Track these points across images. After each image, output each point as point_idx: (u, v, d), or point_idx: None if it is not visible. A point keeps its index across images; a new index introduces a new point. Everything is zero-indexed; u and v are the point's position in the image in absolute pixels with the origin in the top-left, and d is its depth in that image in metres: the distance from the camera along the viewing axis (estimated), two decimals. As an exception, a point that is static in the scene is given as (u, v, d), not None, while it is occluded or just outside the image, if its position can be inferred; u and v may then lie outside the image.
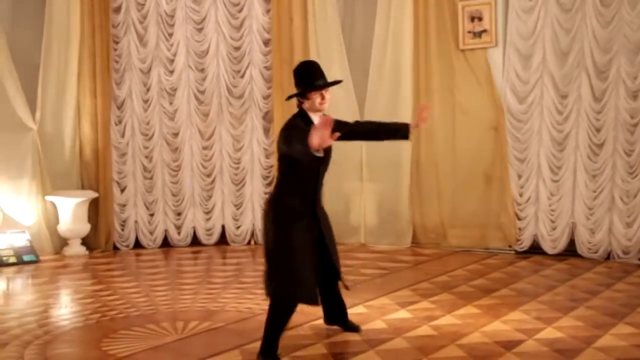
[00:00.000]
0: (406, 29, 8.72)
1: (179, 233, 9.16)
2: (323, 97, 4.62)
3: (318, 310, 5.82)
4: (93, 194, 8.73)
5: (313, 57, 9.07)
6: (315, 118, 4.53)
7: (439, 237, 8.65)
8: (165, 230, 9.15)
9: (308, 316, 5.64)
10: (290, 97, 4.73)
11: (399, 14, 8.75)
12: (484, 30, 8.39)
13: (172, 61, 9.12)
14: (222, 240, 9.20)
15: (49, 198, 8.55)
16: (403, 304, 5.98)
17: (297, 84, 4.73)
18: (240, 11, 9.21)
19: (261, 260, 8.36)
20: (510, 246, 8.23)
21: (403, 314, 5.68)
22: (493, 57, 8.35)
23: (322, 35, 9.07)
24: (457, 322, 5.40)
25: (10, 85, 8.32)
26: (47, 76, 8.66)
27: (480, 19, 8.39)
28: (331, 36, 9.07)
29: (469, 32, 8.45)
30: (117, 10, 8.98)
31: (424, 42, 8.68)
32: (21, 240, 8.21)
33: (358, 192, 9.09)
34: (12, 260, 7.97)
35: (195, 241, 9.18)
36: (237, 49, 9.23)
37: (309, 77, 4.61)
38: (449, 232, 8.58)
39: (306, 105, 4.68)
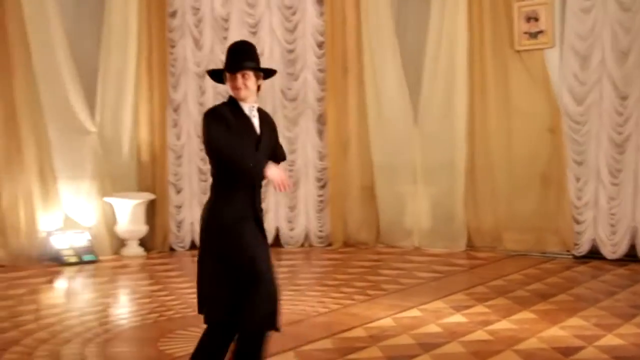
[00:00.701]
0: (460, 29, 8.65)
1: (233, 235, 9.22)
2: (235, 83, 3.82)
3: (373, 313, 5.82)
4: (150, 196, 8.88)
5: (366, 59, 9.10)
6: (245, 107, 3.84)
7: (495, 241, 8.54)
8: (220, 232, 9.22)
9: (363, 319, 5.65)
10: (210, 75, 4.07)
11: (453, 15, 8.69)
12: (541, 31, 8.27)
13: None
14: (276, 242, 9.25)
15: (107, 200, 8.73)
16: (458, 307, 5.92)
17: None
18: (294, 14, 9.26)
19: (316, 262, 8.47)
20: (568, 250, 8.09)
21: (458, 318, 5.64)
22: (550, 58, 8.23)
23: (375, 37, 9.06)
24: (514, 327, 5.33)
25: (71, 89, 8.52)
26: (106, 80, 8.84)
27: (536, 19, 8.28)
28: (384, 38, 9.05)
29: (525, 32, 8.34)
30: (173, 15, 9.12)
31: (478, 43, 8.60)
32: (81, 240, 8.39)
33: (412, 194, 9.05)
34: (73, 259, 8.15)
35: (249, 243, 9.23)
36: (291, 51, 9.28)
37: (227, 59, 3.89)
38: (505, 235, 8.47)
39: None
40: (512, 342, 4.92)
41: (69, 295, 7.16)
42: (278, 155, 4.09)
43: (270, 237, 9.24)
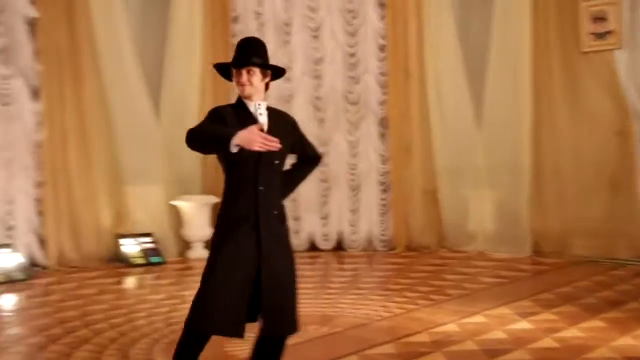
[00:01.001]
0: (525, 31, 8.53)
1: (297, 238, 9.29)
2: (239, 79, 3.68)
3: (437, 318, 5.78)
4: (215, 199, 8.99)
5: (429, 62, 9.04)
6: (251, 105, 3.70)
7: (561, 246, 8.38)
8: (283, 235, 9.27)
9: (427, 324, 5.61)
10: (218, 71, 3.90)
11: (518, 17, 8.57)
12: (609, 32, 8.08)
13: (289, 69, 9.27)
14: (339, 246, 9.26)
15: (173, 202, 8.89)
16: (524, 314, 5.83)
17: None
18: (355, 18, 9.27)
19: (379, 266, 8.46)
20: (638, 257, 7.87)
21: (524, 325, 5.55)
22: (619, 59, 8.03)
23: (437, 41, 9.00)
24: (582, 335, 5.22)
25: (138, 93, 8.71)
26: (172, 86, 9.00)
27: (604, 19, 8.10)
28: (447, 41, 8.99)
29: (592, 34, 8.17)
30: (236, 20, 9.23)
31: (543, 45, 8.46)
32: (149, 243, 8.57)
33: (476, 198, 8.95)
34: (141, 261, 8.33)
35: (312, 247, 9.29)
36: (353, 55, 9.29)
37: (234, 55, 3.76)
38: (572, 241, 8.29)
39: None
40: (581, 351, 4.82)
41: (136, 296, 7.32)
42: (306, 155, 3.93)
43: (332, 241, 9.28)
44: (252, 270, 3.61)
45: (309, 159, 3.97)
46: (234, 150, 3.41)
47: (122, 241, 8.49)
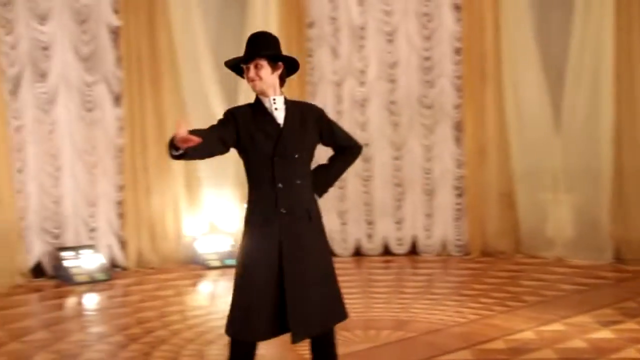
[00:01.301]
0: (606, 33, 8.28)
1: (370, 242, 9.28)
2: (248, 75, 3.66)
3: (514, 324, 5.68)
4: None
5: (505, 65, 8.88)
6: (266, 100, 3.65)
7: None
8: (357, 239, 9.30)
9: (503, 331, 5.52)
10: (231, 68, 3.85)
11: (598, 19, 8.33)
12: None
13: (363, 73, 9.28)
14: (413, 250, 9.20)
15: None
16: (605, 323, 5.67)
17: None
18: (430, 21, 9.20)
19: (453, 271, 8.36)
20: None
21: (605, 334, 5.39)
22: None
23: (515, 43, 8.83)
24: (667, 345, 5.05)
25: (215, 101, 8.87)
26: (248, 90, 9.09)
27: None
28: (524, 44, 8.82)
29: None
30: (311, 25, 9.29)
31: (626, 47, 8.21)
32: (224, 245, 8.69)
33: (554, 202, 8.74)
34: (216, 263, 8.47)
35: (386, 251, 9.26)
36: (428, 59, 9.22)
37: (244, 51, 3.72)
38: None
39: None
40: (665, 361, 4.66)
41: (212, 297, 7.45)
42: (338, 145, 3.80)
43: (406, 246, 9.22)
44: (274, 273, 3.50)
45: (343, 149, 3.84)
46: (177, 152, 3.37)
47: (198, 243, 8.65)
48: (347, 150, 3.85)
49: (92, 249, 8.19)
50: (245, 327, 3.52)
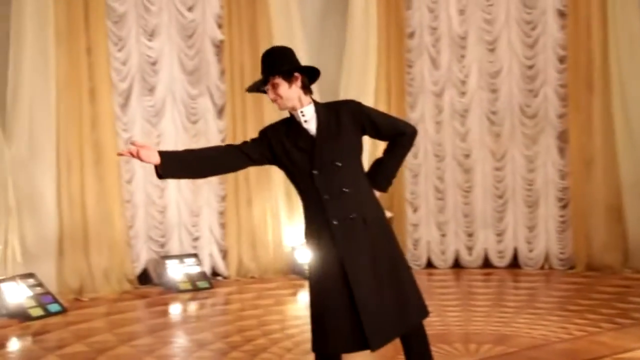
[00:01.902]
0: None
1: (470, 254, 9.14)
2: (270, 96, 3.78)
3: (623, 343, 5.45)
4: (387, 214, 9.02)
5: (613, 73, 8.56)
6: (296, 115, 3.72)
7: None
8: (457, 251, 9.18)
9: (612, 349, 5.32)
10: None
11: None
12: None
13: (464, 83, 9.18)
14: (514, 263, 9.00)
15: (347, 216, 9.02)
16: None
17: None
18: (534, 29, 8.99)
19: (557, 285, 8.11)
20: None
21: None
22: None
23: (625, 52, 8.51)
24: None
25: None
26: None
27: None
28: (633, 50, 8.47)
29: None
30: (412, 35, 9.26)
31: None
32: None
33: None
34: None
35: (486, 263, 9.09)
36: (531, 67, 9.01)
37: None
38: None
39: None
40: None
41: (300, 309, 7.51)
42: (385, 135, 3.73)
43: (507, 258, 9.03)
44: (342, 285, 3.50)
45: (394, 138, 3.76)
46: (160, 173, 3.51)
47: (297, 253, 8.75)
48: (397, 139, 3.77)
49: (194, 258, 8.42)
50: (325, 341, 3.56)
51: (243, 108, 8.68)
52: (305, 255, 8.70)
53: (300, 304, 7.60)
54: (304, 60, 9.13)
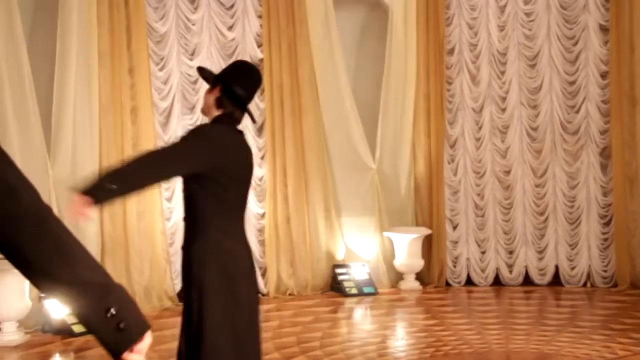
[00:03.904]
0: None
1: (510, 272, 9.04)
2: None
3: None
4: (426, 231, 9.01)
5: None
6: None
7: None
8: (497, 268, 9.09)
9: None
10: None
11: None
12: None
13: (504, 99, 9.12)
14: (556, 280, 8.87)
15: (386, 234, 9.02)
16: None
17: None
18: (575, 44, 8.91)
19: (600, 303, 7.97)
20: None
21: None
22: None
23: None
24: None
25: (353, 128, 9.00)
26: (386, 118, 9.18)
27: None
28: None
29: None
30: (451, 51, 9.24)
31: None
32: (362, 273, 8.74)
33: None
34: (353, 291, 8.51)
35: (527, 280, 8.98)
36: (572, 83, 8.93)
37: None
38: None
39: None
40: None
41: (350, 325, 7.50)
42: None
43: (548, 276, 8.91)
44: None
45: None
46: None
47: (336, 271, 8.75)
48: None
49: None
50: None
51: (282, 126, 8.74)
52: (344, 272, 8.71)
53: (340, 322, 7.60)
54: (341, 78, 9.14)
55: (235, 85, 3.61)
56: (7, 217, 1.64)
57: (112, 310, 1.71)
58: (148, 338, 1.78)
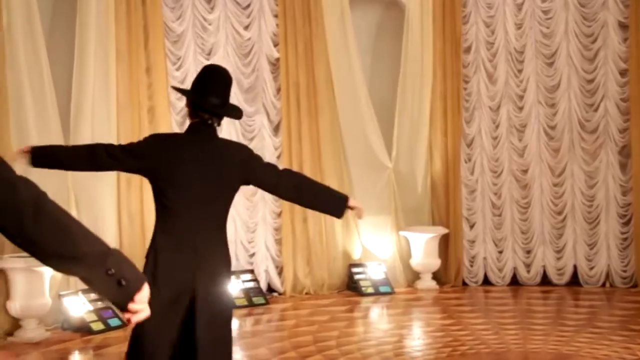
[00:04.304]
0: None
1: (528, 271, 8.99)
2: None
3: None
4: (443, 230, 8.98)
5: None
6: None
7: None
8: (514, 268, 9.04)
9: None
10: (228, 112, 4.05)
11: None
12: None
13: (521, 97, 9.07)
14: (574, 280, 8.81)
15: (402, 233, 9.00)
16: None
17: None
18: (593, 42, 8.84)
19: (619, 304, 7.90)
20: None
21: None
22: None
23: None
24: None
25: (369, 125, 8.98)
26: (402, 117, 9.15)
27: None
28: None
29: None
30: (468, 50, 9.20)
31: None
32: (378, 272, 8.72)
33: None
34: (370, 290, 8.50)
35: (545, 280, 8.92)
36: (591, 81, 8.86)
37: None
38: None
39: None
40: None
41: (366, 324, 7.48)
42: None
43: (567, 276, 8.84)
44: None
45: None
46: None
47: (353, 270, 8.74)
48: None
49: (251, 274, 8.48)
50: None
51: (298, 125, 8.74)
52: (360, 271, 8.69)
53: (356, 321, 7.59)
54: (357, 77, 9.13)
55: (199, 95, 3.86)
56: (9, 207, 1.94)
57: (112, 271, 2.04)
58: (146, 289, 2.10)
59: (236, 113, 4.08)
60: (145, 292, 2.09)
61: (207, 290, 3.57)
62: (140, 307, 2.08)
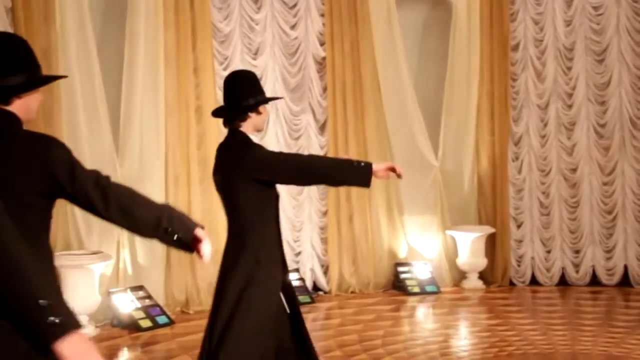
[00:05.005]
0: None
1: (577, 271, 8.86)
2: (265, 112, 4.09)
3: None
4: (490, 229, 8.90)
5: None
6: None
7: None
8: (562, 268, 8.92)
9: None
10: (243, 110, 3.91)
11: None
12: None
13: (570, 95, 8.94)
14: (625, 281, 8.65)
15: (449, 232, 8.95)
16: None
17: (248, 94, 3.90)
18: (646, 37, 8.68)
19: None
20: None
21: None
22: None
23: None
24: None
25: (416, 126, 8.95)
26: (449, 115, 9.10)
27: None
28: None
29: None
30: (516, 48, 9.10)
31: None
32: (424, 271, 8.69)
33: None
34: (416, 290, 8.48)
35: (594, 281, 8.78)
36: (641, 77, 8.69)
37: (259, 86, 3.96)
38: None
39: (252, 122, 3.96)
40: None
41: (412, 324, 7.47)
42: None
43: (617, 276, 8.69)
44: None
45: None
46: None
47: (399, 269, 8.72)
48: None
49: (296, 273, 8.52)
50: None
51: (344, 124, 8.76)
52: (406, 270, 8.67)
53: (402, 320, 7.58)
54: (404, 77, 9.09)
55: (242, 99, 3.89)
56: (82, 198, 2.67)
57: (169, 229, 2.69)
58: (200, 232, 2.81)
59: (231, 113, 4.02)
60: (201, 234, 2.78)
61: None
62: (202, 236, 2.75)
